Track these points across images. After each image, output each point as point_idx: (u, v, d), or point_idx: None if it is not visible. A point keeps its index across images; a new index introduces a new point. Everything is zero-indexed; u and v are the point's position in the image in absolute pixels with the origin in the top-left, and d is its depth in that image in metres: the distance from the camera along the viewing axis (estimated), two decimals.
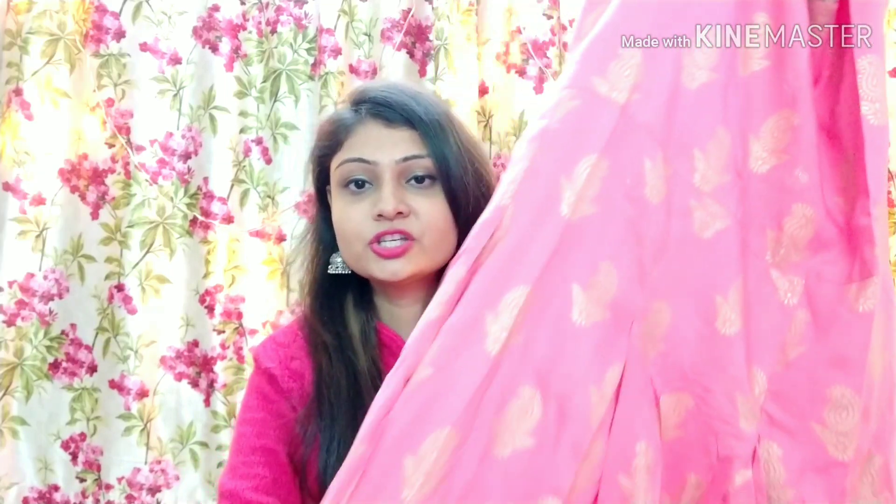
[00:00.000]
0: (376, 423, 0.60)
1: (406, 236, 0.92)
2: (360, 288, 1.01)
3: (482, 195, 0.94)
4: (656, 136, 0.58)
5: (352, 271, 0.99)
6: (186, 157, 1.89)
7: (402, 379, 0.61)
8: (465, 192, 0.94)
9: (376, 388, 0.84)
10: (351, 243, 0.95)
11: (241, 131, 1.91)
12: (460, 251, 0.68)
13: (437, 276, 0.96)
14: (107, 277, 1.87)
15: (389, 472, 0.56)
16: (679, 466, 0.60)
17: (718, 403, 0.59)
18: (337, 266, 1.00)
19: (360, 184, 0.94)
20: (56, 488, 1.83)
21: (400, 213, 0.92)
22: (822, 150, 0.61)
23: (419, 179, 0.94)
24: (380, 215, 0.92)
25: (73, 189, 1.85)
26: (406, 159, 0.93)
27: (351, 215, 0.94)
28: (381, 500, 0.57)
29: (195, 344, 1.88)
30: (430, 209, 0.93)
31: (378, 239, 0.93)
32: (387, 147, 0.93)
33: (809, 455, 0.60)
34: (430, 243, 0.93)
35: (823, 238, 0.61)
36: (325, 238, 1.02)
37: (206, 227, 1.88)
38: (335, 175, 0.97)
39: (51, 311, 1.84)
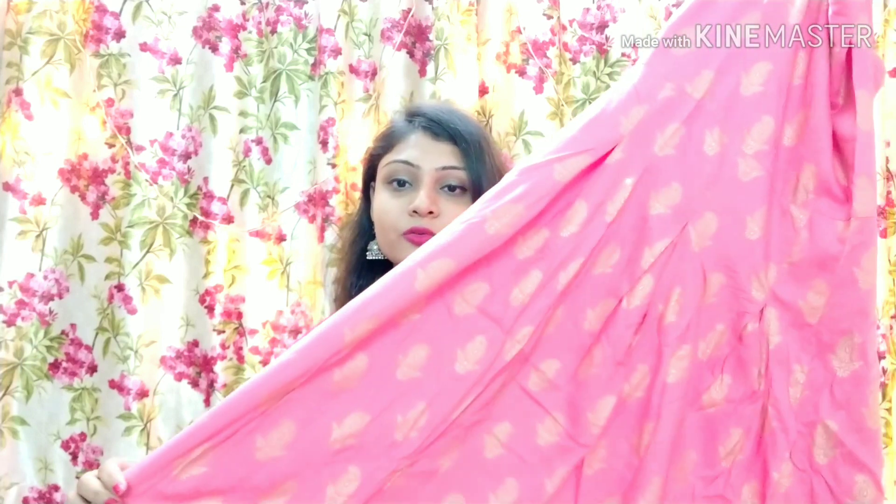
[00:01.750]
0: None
1: (432, 234, 1.04)
2: None
3: None
4: (717, 120, 0.98)
5: (384, 259, 1.13)
6: (186, 157, 1.89)
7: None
8: None
9: None
10: (387, 232, 1.10)
11: (241, 131, 1.91)
12: (581, 146, 0.96)
13: None
14: (107, 277, 1.87)
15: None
16: (712, 320, 0.97)
17: (740, 280, 0.97)
18: (374, 253, 1.14)
19: (401, 183, 1.10)
20: (56, 488, 1.83)
21: (431, 212, 1.06)
22: (827, 137, 0.97)
23: (452, 188, 1.09)
24: (414, 211, 1.07)
25: (73, 189, 1.86)
26: (445, 168, 1.09)
27: (390, 208, 1.09)
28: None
29: (195, 344, 1.88)
30: (456, 214, 1.05)
31: (410, 232, 1.08)
32: (430, 155, 1.09)
33: (793, 318, 0.97)
34: None
35: (825, 188, 0.97)
36: (364, 227, 1.17)
37: (206, 227, 1.88)
38: (382, 171, 1.12)
39: (51, 311, 1.84)
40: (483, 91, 1.93)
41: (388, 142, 1.14)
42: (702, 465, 0.96)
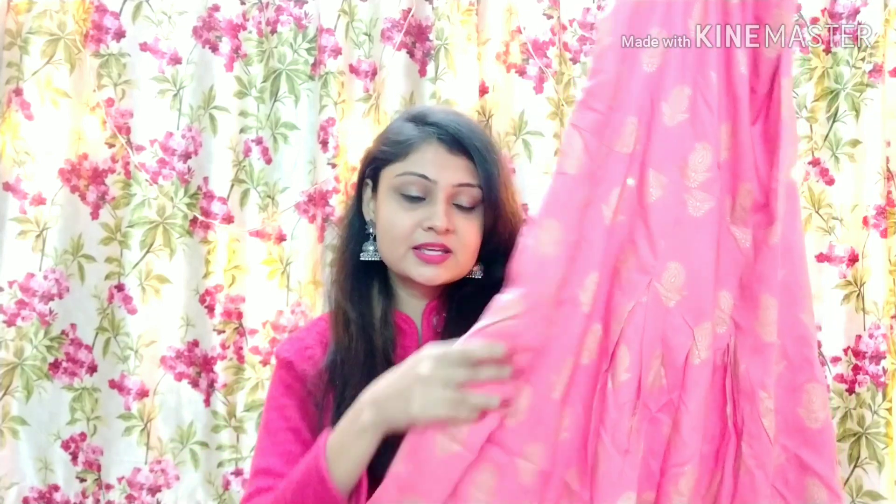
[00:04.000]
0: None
1: (446, 249, 1.06)
2: (383, 277, 1.14)
3: (516, 222, 1.11)
4: (650, 163, 0.92)
5: (380, 260, 1.11)
6: (186, 156, 1.89)
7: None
8: (503, 219, 1.09)
9: (389, 364, 1.04)
10: (396, 244, 1.07)
11: (241, 131, 1.91)
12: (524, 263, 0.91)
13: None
14: (107, 277, 1.87)
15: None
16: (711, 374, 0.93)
17: (715, 321, 0.92)
18: (370, 254, 1.12)
19: (414, 197, 1.07)
20: (56, 488, 1.83)
21: (448, 230, 1.05)
22: (755, 145, 0.94)
23: (465, 205, 1.07)
24: (430, 228, 1.05)
25: (73, 189, 1.85)
26: (461, 185, 1.06)
27: (401, 221, 1.06)
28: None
29: (195, 344, 1.88)
30: (469, 232, 1.07)
31: (421, 247, 1.06)
32: (447, 171, 1.06)
33: (751, 342, 0.92)
34: (462, 259, 1.08)
35: (759, 203, 0.93)
36: (356, 226, 1.15)
37: (206, 227, 1.88)
38: (393, 181, 1.08)
39: (51, 311, 1.84)
40: (483, 91, 1.93)
41: (398, 148, 1.09)
42: None
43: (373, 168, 1.12)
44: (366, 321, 1.10)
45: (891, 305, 1.83)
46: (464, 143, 1.06)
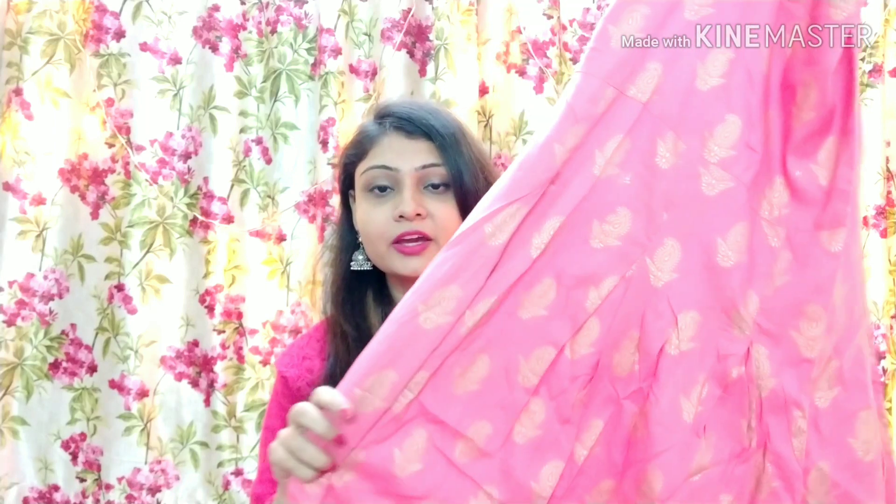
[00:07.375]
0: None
1: (423, 237, 1.03)
2: (379, 284, 1.11)
3: None
4: (669, 124, 0.83)
5: (371, 268, 1.09)
6: (186, 156, 1.89)
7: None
8: (475, 198, 1.02)
9: None
10: (375, 243, 1.05)
11: (241, 131, 1.91)
12: (512, 195, 0.84)
13: None
14: (107, 277, 1.87)
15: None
16: (693, 369, 0.83)
17: (718, 317, 0.83)
18: (359, 263, 1.10)
19: (382, 189, 1.05)
20: (56, 488, 1.83)
21: (418, 214, 1.02)
22: (806, 134, 0.85)
23: (435, 186, 1.05)
24: (401, 216, 1.02)
25: (73, 189, 1.86)
26: (424, 167, 1.04)
27: (374, 217, 1.05)
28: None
29: (195, 344, 1.88)
30: (444, 213, 1.04)
31: (399, 239, 1.03)
32: (407, 156, 1.04)
33: (787, 354, 0.83)
34: (444, 243, 1.02)
35: (799, 197, 0.85)
36: (347, 238, 1.13)
37: (206, 227, 1.88)
38: (360, 180, 1.07)
39: (51, 311, 1.84)
40: (483, 91, 1.93)
41: (360, 148, 1.08)
42: None
43: (347, 175, 1.11)
44: (362, 333, 1.07)
45: (891, 305, 1.83)
46: (419, 125, 1.04)
